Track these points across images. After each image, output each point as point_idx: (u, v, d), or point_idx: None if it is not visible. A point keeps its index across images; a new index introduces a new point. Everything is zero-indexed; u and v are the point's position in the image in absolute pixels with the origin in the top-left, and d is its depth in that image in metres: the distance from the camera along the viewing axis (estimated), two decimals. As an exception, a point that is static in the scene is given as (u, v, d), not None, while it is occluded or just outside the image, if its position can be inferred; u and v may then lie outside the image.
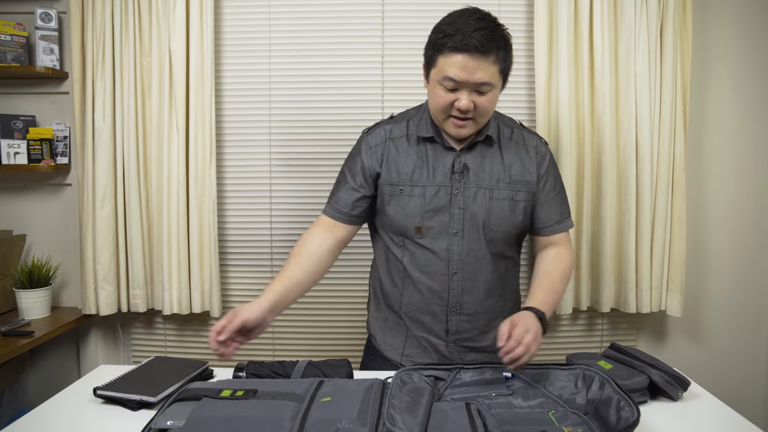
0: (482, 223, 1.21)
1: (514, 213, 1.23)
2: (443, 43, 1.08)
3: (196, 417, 0.89)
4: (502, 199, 1.21)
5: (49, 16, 2.06)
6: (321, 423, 0.86)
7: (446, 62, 1.09)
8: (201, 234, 2.03)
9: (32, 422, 1.05)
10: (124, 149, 2.00)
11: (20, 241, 2.13)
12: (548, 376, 1.07)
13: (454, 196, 1.20)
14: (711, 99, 2.16)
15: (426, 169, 1.21)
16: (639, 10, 1.95)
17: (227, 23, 2.09)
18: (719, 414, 1.10)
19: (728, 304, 2.22)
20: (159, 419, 0.92)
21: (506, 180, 1.22)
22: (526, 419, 0.97)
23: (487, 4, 2.06)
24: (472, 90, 1.11)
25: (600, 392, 0.98)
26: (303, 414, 0.90)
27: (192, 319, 2.17)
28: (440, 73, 1.10)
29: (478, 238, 1.21)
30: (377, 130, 1.28)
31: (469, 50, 1.06)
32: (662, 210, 1.99)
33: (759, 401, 2.26)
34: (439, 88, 1.12)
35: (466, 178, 1.20)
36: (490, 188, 1.21)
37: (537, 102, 1.98)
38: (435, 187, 1.20)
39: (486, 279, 1.24)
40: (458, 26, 1.07)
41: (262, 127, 2.11)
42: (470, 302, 1.24)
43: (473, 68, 1.07)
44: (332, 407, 0.92)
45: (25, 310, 2.00)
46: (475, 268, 1.22)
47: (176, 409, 0.94)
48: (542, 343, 1.10)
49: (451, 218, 1.20)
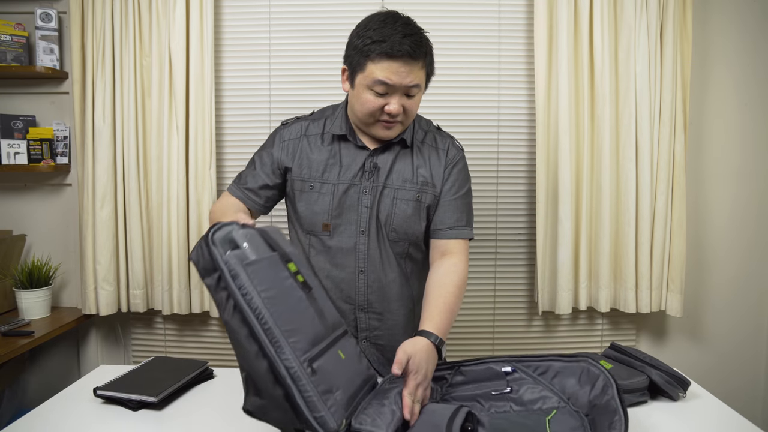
0: (384, 222, 1.22)
1: (417, 214, 1.23)
2: (372, 49, 1.09)
3: (274, 277, 0.87)
4: (407, 200, 1.22)
5: (49, 16, 2.06)
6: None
7: (377, 67, 1.09)
8: (201, 234, 2.03)
9: (32, 422, 1.05)
10: (124, 149, 2.00)
11: (20, 241, 2.13)
12: (551, 368, 1.06)
13: (362, 194, 1.21)
14: (711, 99, 2.16)
15: (337, 166, 1.23)
16: (639, 10, 1.95)
17: (227, 23, 2.09)
18: (719, 414, 1.10)
19: (728, 304, 2.22)
20: (237, 234, 0.88)
21: (413, 181, 1.23)
22: (520, 425, 0.96)
23: (488, 4, 2.07)
24: (402, 93, 1.13)
25: (602, 396, 0.96)
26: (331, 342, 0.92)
27: (192, 319, 2.17)
28: (370, 78, 1.11)
29: (381, 237, 1.23)
30: (295, 125, 1.30)
31: (402, 56, 1.08)
32: (662, 210, 1.99)
33: (759, 401, 2.26)
34: (368, 92, 1.13)
35: (375, 177, 1.22)
36: (396, 188, 1.22)
37: (537, 102, 1.98)
38: (345, 184, 1.22)
39: (392, 279, 1.25)
40: (386, 33, 1.08)
41: (262, 127, 2.11)
42: (377, 301, 1.24)
43: (405, 73, 1.10)
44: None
45: (25, 310, 2.00)
46: (381, 267, 1.23)
47: (253, 238, 0.90)
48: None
49: (359, 216, 1.21)
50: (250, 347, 0.81)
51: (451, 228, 1.24)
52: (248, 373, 0.83)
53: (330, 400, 0.83)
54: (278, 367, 0.80)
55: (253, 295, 0.81)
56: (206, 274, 0.84)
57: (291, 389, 0.80)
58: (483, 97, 2.10)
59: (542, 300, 2.06)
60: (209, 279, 0.84)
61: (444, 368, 1.10)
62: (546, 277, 2.05)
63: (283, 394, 0.81)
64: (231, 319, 0.82)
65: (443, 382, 1.09)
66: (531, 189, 2.11)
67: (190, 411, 1.11)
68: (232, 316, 0.82)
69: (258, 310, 0.81)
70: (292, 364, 0.80)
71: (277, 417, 0.83)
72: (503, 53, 2.09)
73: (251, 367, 0.82)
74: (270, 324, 0.81)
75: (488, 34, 2.08)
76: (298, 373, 0.80)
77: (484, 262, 2.15)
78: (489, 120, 2.10)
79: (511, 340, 2.19)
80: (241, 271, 0.82)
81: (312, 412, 0.80)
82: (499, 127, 2.11)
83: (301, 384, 0.80)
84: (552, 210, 2.03)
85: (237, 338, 0.82)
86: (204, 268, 0.84)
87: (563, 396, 1.01)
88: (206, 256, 0.83)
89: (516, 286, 2.17)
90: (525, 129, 2.11)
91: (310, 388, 0.81)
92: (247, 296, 0.81)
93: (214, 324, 2.18)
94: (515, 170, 2.12)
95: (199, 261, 0.84)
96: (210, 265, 0.83)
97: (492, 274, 2.16)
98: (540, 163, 2.00)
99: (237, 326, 0.81)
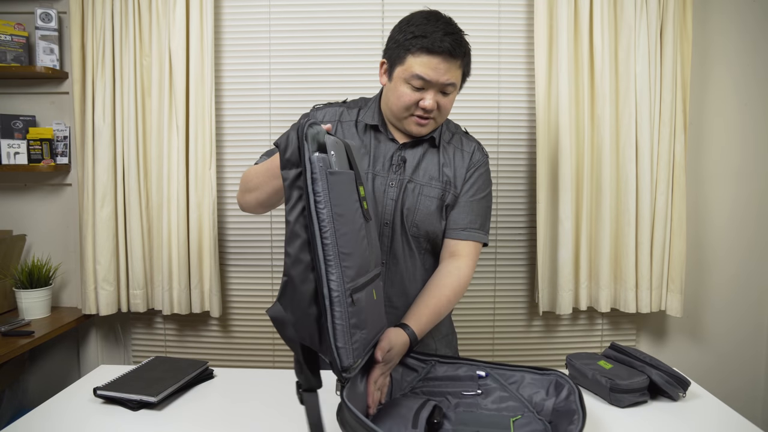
0: (407, 217, 1.23)
1: (439, 212, 1.24)
2: (414, 43, 1.12)
3: (348, 197, 0.86)
4: (431, 197, 1.23)
5: (49, 16, 2.06)
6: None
7: (416, 62, 1.12)
8: (201, 234, 2.03)
9: (32, 422, 1.05)
10: (124, 149, 2.00)
11: (20, 241, 2.13)
12: (522, 379, 1.07)
13: (388, 187, 1.22)
14: (711, 99, 2.16)
15: (368, 157, 1.24)
16: (639, 10, 1.95)
17: (227, 23, 2.09)
18: (719, 414, 1.10)
19: (728, 304, 2.22)
20: (328, 139, 0.85)
21: (438, 179, 1.24)
22: (485, 422, 0.98)
23: (488, 4, 2.07)
24: (438, 90, 1.15)
25: (564, 402, 0.98)
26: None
27: (192, 319, 2.17)
28: (408, 72, 1.13)
29: (404, 231, 1.23)
30: (329, 109, 1.31)
31: (442, 53, 1.10)
32: (662, 210, 1.99)
33: (759, 401, 2.26)
34: (405, 86, 1.15)
35: (402, 170, 1.23)
36: (422, 185, 1.23)
37: (537, 102, 1.98)
38: (373, 174, 1.23)
39: (413, 273, 1.25)
40: (428, 29, 1.11)
41: (263, 127, 2.11)
42: (396, 295, 1.25)
43: (443, 70, 1.12)
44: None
45: (25, 310, 2.00)
46: (403, 260, 1.24)
47: (339, 149, 0.88)
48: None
49: (384, 208, 1.22)
50: (303, 256, 0.79)
51: (463, 229, 1.25)
52: (290, 280, 0.80)
53: (356, 335, 0.83)
54: (323, 287, 0.79)
55: (326, 206, 0.79)
56: (288, 165, 0.81)
57: (327, 312, 0.79)
58: (483, 97, 2.10)
59: (542, 300, 2.06)
60: (288, 172, 0.80)
61: (419, 360, 1.11)
62: (546, 277, 2.05)
63: (316, 314, 0.80)
64: (295, 221, 0.80)
65: (415, 375, 1.10)
66: (531, 189, 2.11)
67: (190, 411, 1.11)
68: (297, 218, 0.80)
69: (324, 223, 0.79)
70: (337, 288, 0.80)
71: (292, 335, 0.80)
72: (503, 53, 2.09)
73: (297, 276, 0.79)
74: (331, 241, 0.79)
75: (488, 34, 2.08)
76: (339, 298, 0.80)
77: (484, 262, 2.14)
78: (489, 120, 2.10)
79: (511, 341, 2.19)
80: (323, 178, 0.79)
81: (336, 341, 0.80)
82: (499, 127, 2.11)
83: (338, 311, 0.80)
84: (552, 210, 2.03)
85: (293, 242, 0.80)
86: (288, 160, 0.80)
87: (530, 405, 1.03)
88: (293, 147, 0.80)
89: (516, 287, 2.17)
90: (525, 129, 2.11)
91: (344, 317, 0.80)
92: (319, 204, 0.79)
93: (214, 324, 2.18)
94: (515, 170, 2.12)
95: (286, 149, 0.81)
96: (296, 157, 0.80)
97: (492, 274, 2.16)
98: (540, 163, 2.00)
99: (299, 230, 0.80)
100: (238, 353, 2.20)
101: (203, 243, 2.03)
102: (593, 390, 1.18)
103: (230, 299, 2.17)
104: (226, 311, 2.17)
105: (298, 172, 0.80)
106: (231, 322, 2.18)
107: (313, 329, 0.80)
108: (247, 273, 2.16)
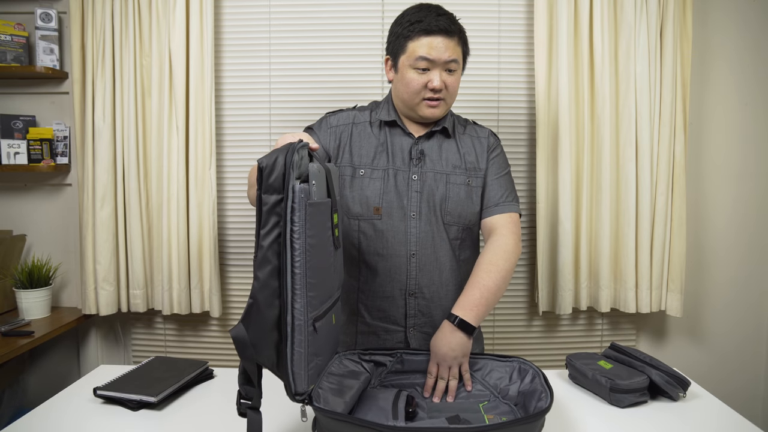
0: (439, 206, 1.25)
1: (470, 198, 1.28)
2: (412, 29, 1.19)
3: (322, 226, 0.87)
4: (459, 184, 1.27)
5: (49, 16, 2.06)
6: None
7: (417, 45, 1.18)
8: (201, 234, 2.03)
9: (32, 422, 1.05)
10: (124, 149, 2.00)
11: (20, 241, 2.13)
12: (486, 366, 1.12)
13: (411, 181, 1.25)
14: (711, 99, 2.16)
15: (386, 153, 1.27)
16: (639, 10, 1.95)
17: (227, 23, 2.09)
18: (719, 414, 1.10)
19: (728, 304, 2.22)
20: (312, 168, 0.85)
21: (462, 167, 1.28)
22: (456, 408, 1.04)
23: (488, 4, 2.07)
24: (443, 69, 1.20)
25: (530, 385, 1.02)
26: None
27: (192, 319, 2.17)
28: (412, 56, 1.19)
29: (435, 221, 1.25)
30: (342, 113, 1.34)
31: (439, 31, 1.17)
32: (662, 210, 1.99)
33: (759, 401, 2.26)
34: (412, 71, 1.20)
35: (423, 163, 1.26)
36: (447, 173, 1.27)
37: (537, 102, 1.98)
38: (394, 170, 1.26)
39: (443, 263, 1.27)
40: (422, 15, 1.19)
41: (263, 127, 2.11)
42: (428, 285, 1.26)
43: (443, 48, 1.18)
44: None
45: (25, 310, 2.00)
46: (433, 250, 1.26)
47: (320, 178, 0.88)
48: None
49: (409, 201, 1.25)
50: (272, 282, 0.81)
51: (496, 204, 1.29)
52: (256, 303, 0.81)
53: (312, 363, 0.85)
54: (287, 314, 0.81)
55: (300, 237, 0.81)
56: (269, 190, 0.81)
57: (288, 339, 0.81)
58: (483, 97, 2.10)
59: (542, 300, 2.06)
60: (269, 197, 0.81)
61: (386, 354, 1.14)
62: (546, 277, 2.05)
63: (276, 340, 0.82)
64: (268, 247, 0.81)
65: (383, 369, 1.13)
66: (531, 189, 2.11)
67: (190, 411, 1.11)
68: (271, 244, 0.81)
69: (297, 253, 0.81)
70: (300, 316, 0.82)
71: (252, 356, 0.82)
72: (503, 53, 2.09)
73: (263, 300, 0.81)
74: (300, 272, 0.81)
75: (488, 33, 2.08)
76: (301, 327, 0.82)
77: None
78: (489, 120, 2.10)
79: (511, 340, 2.19)
80: (301, 209, 0.81)
81: (293, 366, 0.82)
82: (499, 127, 2.11)
83: (298, 339, 0.82)
84: (552, 210, 2.03)
85: (264, 267, 0.81)
86: (270, 185, 0.81)
87: (495, 392, 1.08)
88: (278, 173, 0.81)
89: (516, 286, 2.17)
90: (525, 129, 2.11)
91: (304, 345, 0.83)
92: (295, 234, 0.81)
93: (214, 324, 2.18)
94: (515, 170, 2.12)
95: (271, 174, 0.81)
96: (278, 184, 0.81)
97: (492, 274, 2.16)
98: (540, 163, 2.00)
99: (271, 256, 0.81)
100: (234, 357, 2.19)
101: (203, 243, 2.03)
102: (593, 390, 1.18)
103: (230, 299, 2.17)
104: (226, 311, 2.17)
105: (279, 199, 0.81)
106: (231, 322, 2.18)
107: (272, 353, 0.83)
108: (247, 273, 2.16)
